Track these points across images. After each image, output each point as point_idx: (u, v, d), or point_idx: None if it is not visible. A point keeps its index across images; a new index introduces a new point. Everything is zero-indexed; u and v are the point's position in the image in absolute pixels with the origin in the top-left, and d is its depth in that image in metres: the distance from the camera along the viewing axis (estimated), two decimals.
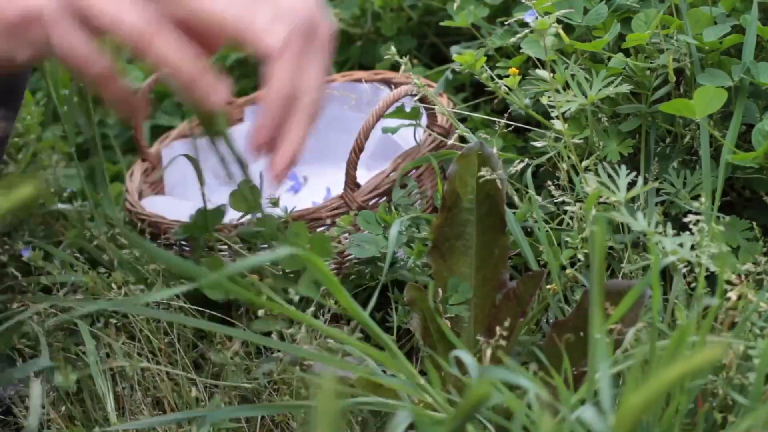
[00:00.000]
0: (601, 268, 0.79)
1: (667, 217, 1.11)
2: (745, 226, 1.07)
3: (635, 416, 0.67)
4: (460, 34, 1.56)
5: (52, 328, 1.19)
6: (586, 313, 0.91)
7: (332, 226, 1.21)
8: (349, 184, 1.20)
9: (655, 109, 1.12)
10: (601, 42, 1.11)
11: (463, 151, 1.07)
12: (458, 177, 1.06)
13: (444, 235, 1.06)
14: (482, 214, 1.06)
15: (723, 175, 1.06)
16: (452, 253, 1.06)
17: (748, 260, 1.04)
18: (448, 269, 1.06)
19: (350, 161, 1.19)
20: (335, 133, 1.44)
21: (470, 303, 1.05)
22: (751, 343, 0.85)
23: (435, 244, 1.06)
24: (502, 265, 1.05)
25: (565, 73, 1.12)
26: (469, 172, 1.06)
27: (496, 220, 1.05)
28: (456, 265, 1.06)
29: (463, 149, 1.07)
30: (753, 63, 1.08)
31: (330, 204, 1.20)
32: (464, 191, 1.06)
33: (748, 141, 1.08)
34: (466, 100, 1.51)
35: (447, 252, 1.06)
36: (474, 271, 1.05)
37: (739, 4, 1.14)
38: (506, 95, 1.14)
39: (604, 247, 0.78)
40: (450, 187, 1.06)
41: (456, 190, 1.06)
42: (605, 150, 1.13)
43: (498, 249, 1.05)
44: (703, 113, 1.04)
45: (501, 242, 1.05)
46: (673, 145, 1.15)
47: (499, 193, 1.05)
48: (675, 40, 1.11)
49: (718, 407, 0.87)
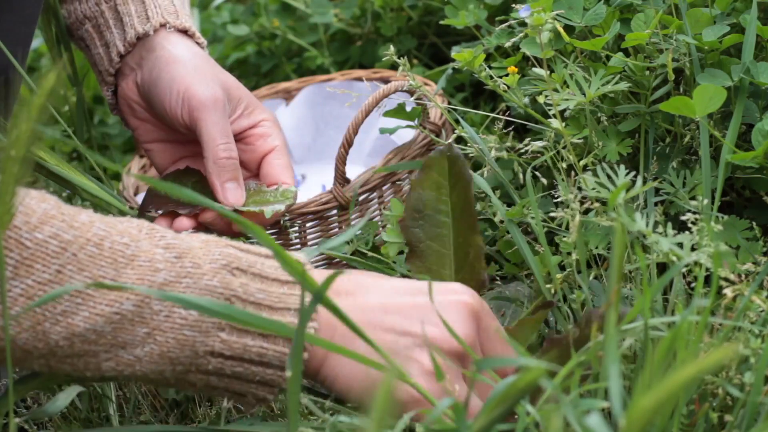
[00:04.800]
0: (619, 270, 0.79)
1: (666, 216, 1.10)
2: (744, 225, 1.07)
3: (646, 419, 0.67)
4: (460, 34, 1.56)
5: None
6: (582, 333, 0.90)
7: (322, 221, 1.21)
8: (338, 180, 1.20)
9: (655, 108, 1.12)
10: (600, 41, 1.11)
11: (433, 153, 1.07)
12: (429, 179, 1.07)
13: (417, 236, 1.06)
14: (456, 216, 1.06)
15: (723, 175, 1.06)
16: (429, 254, 1.06)
17: (748, 260, 1.04)
18: (428, 270, 1.06)
19: (339, 156, 1.19)
20: (334, 131, 1.44)
21: None
22: (753, 344, 0.85)
23: (411, 247, 1.07)
24: (479, 264, 1.05)
25: (564, 72, 1.12)
26: (441, 174, 1.07)
27: (468, 219, 1.06)
28: (435, 266, 1.06)
29: (433, 152, 1.08)
30: (753, 63, 1.08)
31: (319, 199, 1.20)
32: (437, 194, 1.07)
33: (748, 141, 1.08)
34: (466, 99, 1.51)
35: (423, 253, 1.06)
36: (453, 272, 1.06)
37: (739, 4, 1.14)
38: (504, 93, 1.14)
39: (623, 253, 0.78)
40: (418, 189, 1.06)
41: (426, 191, 1.06)
42: (604, 150, 1.12)
43: (473, 249, 1.05)
44: (702, 112, 1.03)
45: (474, 242, 1.06)
46: (673, 144, 1.15)
47: (469, 193, 1.06)
48: (674, 40, 1.11)
49: (718, 407, 0.87)
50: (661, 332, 0.88)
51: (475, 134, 1.15)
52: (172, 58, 1.12)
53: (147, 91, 1.13)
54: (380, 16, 1.62)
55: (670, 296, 1.02)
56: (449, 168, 1.07)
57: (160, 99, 1.11)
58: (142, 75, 1.13)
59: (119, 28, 1.14)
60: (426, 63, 1.62)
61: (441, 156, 1.07)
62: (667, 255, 0.91)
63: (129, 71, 1.15)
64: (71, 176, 1.10)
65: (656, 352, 0.77)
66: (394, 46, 1.22)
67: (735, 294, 0.91)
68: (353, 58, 1.66)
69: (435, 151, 1.08)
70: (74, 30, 1.19)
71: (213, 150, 1.09)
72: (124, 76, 1.16)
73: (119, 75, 1.16)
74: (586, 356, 0.83)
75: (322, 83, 1.49)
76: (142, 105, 1.16)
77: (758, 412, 0.84)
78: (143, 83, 1.13)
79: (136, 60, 1.14)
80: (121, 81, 1.16)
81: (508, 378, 0.76)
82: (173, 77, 1.10)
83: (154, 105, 1.13)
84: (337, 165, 1.19)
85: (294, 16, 1.71)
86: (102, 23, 1.15)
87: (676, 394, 0.66)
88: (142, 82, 1.14)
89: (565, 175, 1.09)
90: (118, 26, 1.14)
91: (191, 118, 1.10)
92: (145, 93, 1.14)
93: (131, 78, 1.15)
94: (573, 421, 0.74)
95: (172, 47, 1.13)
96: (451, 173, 1.07)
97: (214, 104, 1.10)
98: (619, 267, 0.80)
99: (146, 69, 1.13)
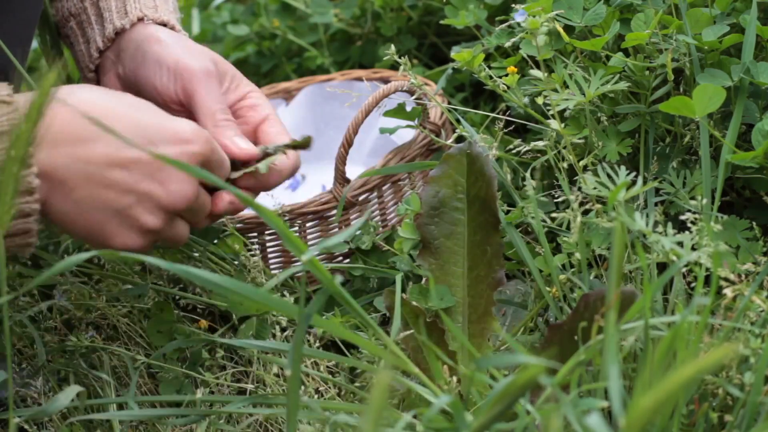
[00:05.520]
0: (619, 270, 0.79)
1: (666, 216, 1.10)
2: (744, 225, 1.07)
3: (646, 419, 0.67)
4: (460, 34, 1.56)
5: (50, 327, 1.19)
6: (581, 318, 0.91)
7: (321, 221, 1.21)
8: (338, 180, 1.20)
9: (655, 108, 1.12)
10: (600, 41, 1.11)
11: (452, 150, 1.07)
12: (446, 176, 1.06)
13: (431, 233, 1.06)
14: (473, 214, 1.06)
15: (723, 175, 1.06)
16: (442, 251, 1.06)
17: (748, 260, 1.04)
18: (440, 267, 1.06)
19: (339, 156, 1.19)
20: (334, 131, 1.44)
21: (464, 303, 1.05)
22: (753, 344, 0.85)
23: (424, 244, 1.06)
24: (496, 262, 1.05)
25: (564, 72, 1.12)
26: (459, 172, 1.06)
27: (488, 218, 1.06)
28: (447, 264, 1.06)
29: (452, 149, 1.07)
30: (753, 63, 1.08)
31: (319, 199, 1.20)
32: (453, 191, 1.06)
33: (748, 141, 1.08)
34: (466, 99, 1.51)
35: (437, 250, 1.06)
36: (467, 270, 1.05)
37: (739, 4, 1.14)
38: (504, 93, 1.14)
39: (623, 252, 0.78)
40: (435, 185, 1.06)
41: (443, 189, 1.06)
42: (604, 150, 1.12)
43: (491, 247, 1.05)
44: (702, 112, 1.03)
45: (494, 240, 1.05)
46: (673, 144, 1.15)
47: (490, 191, 1.05)
48: (674, 40, 1.11)
49: (718, 407, 0.87)
50: (661, 332, 0.88)
51: (475, 134, 1.15)
52: (155, 39, 1.11)
53: (132, 77, 1.12)
54: (380, 16, 1.62)
55: (670, 296, 1.01)
56: (468, 166, 1.06)
57: (149, 80, 1.10)
58: (123, 66, 1.13)
59: (99, 24, 1.14)
60: (426, 63, 1.62)
61: (460, 153, 1.06)
62: (668, 254, 0.91)
63: (110, 65, 1.14)
64: None
65: (656, 352, 0.77)
66: (394, 46, 1.21)
67: (735, 294, 0.91)
68: (353, 58, 1.66)
69: (455, 148, 1.07)
70: (60, 28, 1.19)
71: (212, 116, 1.08)
72: (105, 71, 1.15)
73: (100, 71, 1.16)
74: (587, 354, 0.83)
75: (322, 83, 1.49)
76: None
77: (758, 412, 0.84)
78: (126, 73, 1.13)
79: (115, 53, 1.14)
80: (103, 77, 1.15)
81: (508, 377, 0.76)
82: (160, 56, 1.10)
83: (142, 88, 1.11)
84: (337, 165, 1.19)
85: (294, 16, 1.71)
86: (84, 20, 1.15)
87: (676, 394, 0.66)
88: (124, 73, 1.13)
89: (566, 175, 1.09)
90: (98, 22, 1.14)
91: (185, 91, 1.09)
92: (129, 81, 1.13)
93: (112, 72, 1.14)
94: (573, 420, 0.74)
95: (152, 32, 1.12)
96: (470, 171, 1.06)
97: (207, 75, 1.09)
98: (618, 266, 0.80)
99: (127, 58, 1.12)
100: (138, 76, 1.11)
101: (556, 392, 0.77)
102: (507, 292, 1.16)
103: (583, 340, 0.89)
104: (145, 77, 1.11)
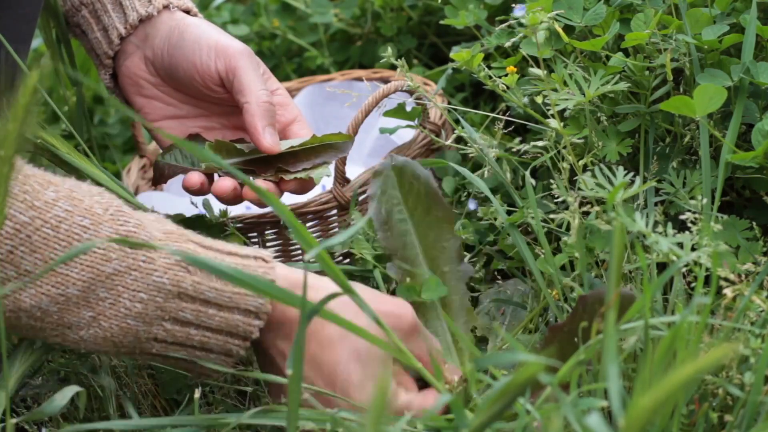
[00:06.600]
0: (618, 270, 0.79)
1: (666, 216, 1.10)
2: (744, 225, 1.07)
3: (646, 419, 0.67)
4: (460, 34, 1.56)
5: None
6: (581, 318, 0.91)
7: (321, 221, 1.21)
8: (338, 180, 1.20)
9: (655, 108, 1.12)
10: (599, 41, 1.11)
11: (378, 168, 1.07)
12: (382, 193, 1.07)
13: (390, 246, 1.07)
14: (418, 218, 1.07)
15: (723, 175, 1.06)
16: (405, 259, 1.07)
17: (748, 260, 1.04)
18: (410, 273, 1.06)
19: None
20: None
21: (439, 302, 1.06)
22: (753, 344, 0.85)
23: (388, 256, 1.07)
24: (458, 254, 1.06)
25: (564, 72, 1.11)
26: (392, 187, 1.07)
27: (436, 214, 1.07)
28: (411, 268, 1.07)
29: (378, 166, 1.08)
30: (753, 62, 1.08)
31: (319, 199, 1.20)
32: (392, 205, 1.07)
33: (748, 141, 1.08)
34: (466, 99, 1.51)
35: (402, 259, 1.07)
36: (431, 272, 1.06)
37: (739, 4, 1.14)
38: (503, 93, 1.14)
39: (622, 252, 0.78)
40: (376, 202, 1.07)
41: (384, 206, 1.07)
42: (604, 150, 1.12)
43: (447, 242, 1.06)
44: (703, 111, 1.03)
45: (447, 236, 1.06)
46: (673, 144, 1.15)
47: (430, 190, 1.07)
48: (674, 40, 1.11)
49: (718, 407, 0.87)
50: (661, 332, 0.88)
51: (475, 134, 1.15)
52: (190, 22, 1.14)
53: (166, 58, 1.13)
54: (380, 16, 1.62)
55: (670, 296, 1.02)
56: (398, 178, 1.07)
57: (188, 58, 1.12)
58: (153, 48, 1.14)
59: (118, 11, 1.15)
60: (426, 63, 1.62)
61: (386, 169, 1.07)
62: (667, 255, 0.91)
63: (133, 49, 1.16)
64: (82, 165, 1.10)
65: (656, 352, 0.77)
66: (394, 46, 1.22)
67: (735, 294, 0.91)
68: (353, 58, 1.66)
69: (379, 165, 1.08)
70: (70, 17, 1.20)
71: (256, 94, 1.09)
72: (126, 55, 1.16)
73: (120, 56, 1.17)
74: (586, 354, 0.83)
75: (322, 83, 1.49)
76: (151, 81, 1.16)
77: (758, 412, 0.84)
78: (157, 55, 1.14)
79: (140, 38, 1.16)
80: (124, 61, 1.17)
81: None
82: (199, 35, 1.12)
83: (179, 68, 1.13)
84: (337, 165, 1.19)
85: (294, 16, 1.71)
86: (99, 8, 1.16)
87: (675, 393, 0.66)
88: (153, 54, 1.14)
89: (566, 174, 1.09)
90: (117, 10, 1.15)
91: (228, 68, 1.10)
92: (162, 61, 1.14)
93: (136, 56, 1.16)
94: (573, 420, 0.74)
95: (183, 16, 1.15)
96: (401, 183, 1.07)
97: (249, 55, 1.11)
98: (618, 267, 0.80)
99: (159, 40, 1.14)
100: (174, 55, 1.13)
101: (556, 392, 0.77)
102: (507, 292, 1.16)
103: (584, 341, 0.89)
104: (182, 56, 1.12)
